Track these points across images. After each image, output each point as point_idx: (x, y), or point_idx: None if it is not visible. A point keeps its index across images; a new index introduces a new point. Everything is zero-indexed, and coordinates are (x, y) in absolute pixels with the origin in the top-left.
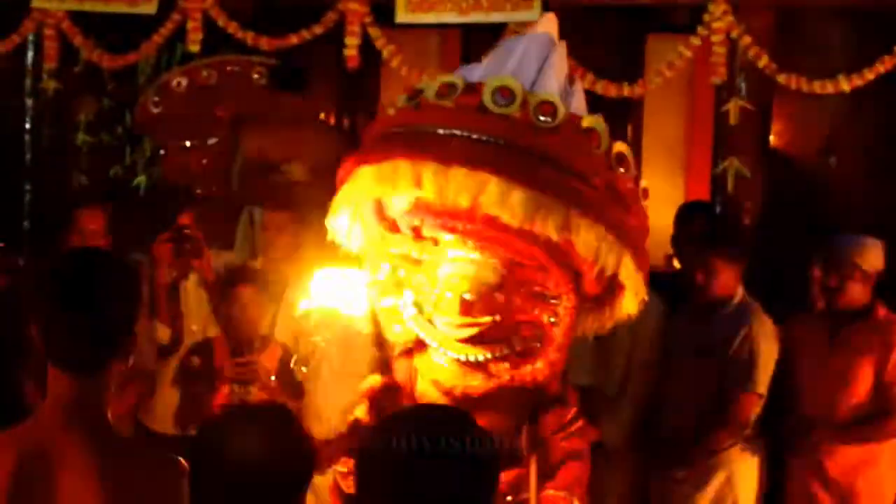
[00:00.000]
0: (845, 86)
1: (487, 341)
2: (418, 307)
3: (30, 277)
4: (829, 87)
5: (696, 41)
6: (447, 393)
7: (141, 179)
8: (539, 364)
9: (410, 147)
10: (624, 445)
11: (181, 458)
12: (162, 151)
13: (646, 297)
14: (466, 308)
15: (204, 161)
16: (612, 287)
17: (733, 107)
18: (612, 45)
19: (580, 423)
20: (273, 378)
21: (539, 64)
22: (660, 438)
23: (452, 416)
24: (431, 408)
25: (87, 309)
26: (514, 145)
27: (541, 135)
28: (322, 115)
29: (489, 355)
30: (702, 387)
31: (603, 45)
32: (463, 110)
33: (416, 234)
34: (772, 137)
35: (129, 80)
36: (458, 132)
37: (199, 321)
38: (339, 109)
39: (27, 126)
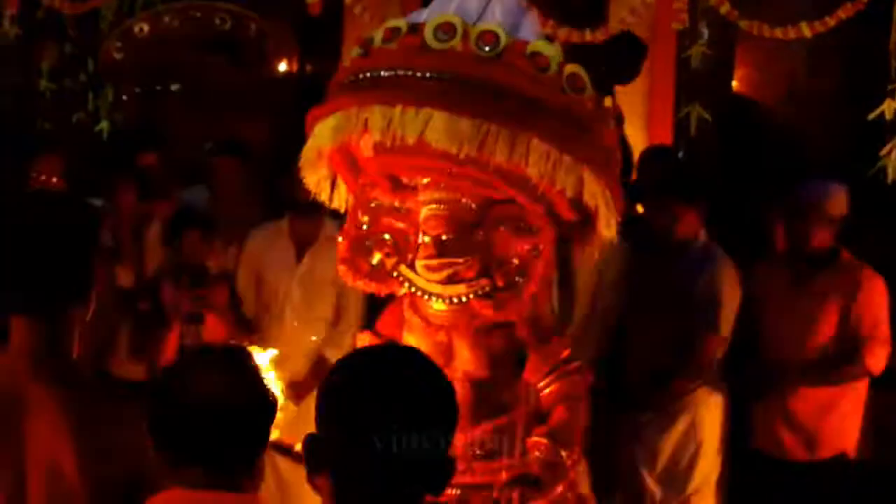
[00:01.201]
0: (807, 31)
1: (467, 280)
2: (401, 256)
3: None
4: (791, 33)
5: None
6: (435, 342)
7: (104, 125)
8: (522, 297)
9: (357, 93)
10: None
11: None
12: (125, 97)
13: (618, 220)
14: (441, 248)
15: (167, 106)
16: (588, 215)
17: (695, 53)
18: None
19: (574, 364)
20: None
21: (484, 1)
22: (625, 382)
23: (408, 353)
24: (387, 347)
25: (45, 252)
26: (457, 78)
27: (484, 64)
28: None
29: (471, 294)
30: (666, 330)
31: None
32: (406, 50)
33: (394, 183)
34: (734, 83)
35: (91, 26)
36: (401, 72)
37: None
38: (302, 56)
39: None
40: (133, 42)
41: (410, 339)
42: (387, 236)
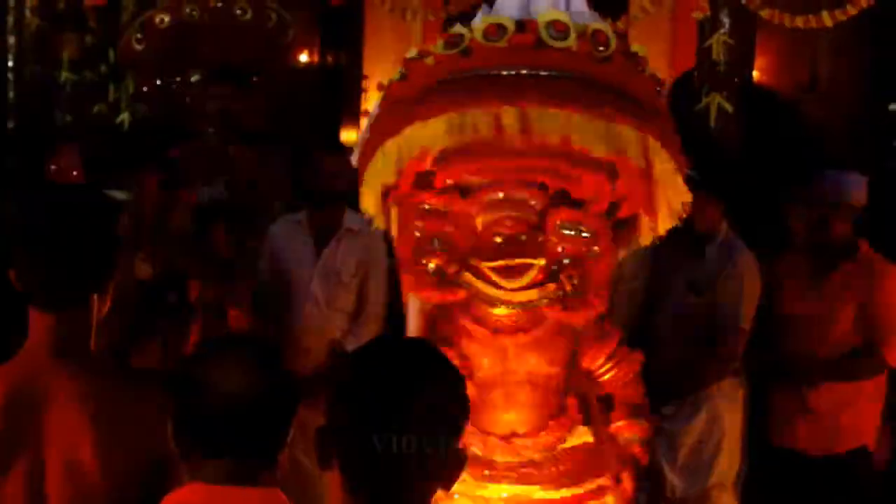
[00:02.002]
0: (828, 21)
1: (538, 284)
2: (461, 261)
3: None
4: (812, 22)
5: None
6: (497, 347)
7: (124, 116)
8: (590, 302)
9: (473, 92)
10: None
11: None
12: (145, 88)
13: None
14: (520, 248)
15: (187, 99)
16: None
17: (716, 42)
18: None
19: (624, 349)
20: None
21: None
22: (646, 374)
23: (419, 348)
24: (399, 342)
25: (63, 246)
26: (584, 78)
27: (602, 64)
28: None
29: (545, 299)
30: (690, 322)
31: None
32: (521, 49)
33: (439, 186)
34: (755, 73)
35: (112, 17)
36: (524, 71)
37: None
38: (323, 46)
39: (10, 64)
40: (154, 33)
41: (472, 348)
42: (437, 241)
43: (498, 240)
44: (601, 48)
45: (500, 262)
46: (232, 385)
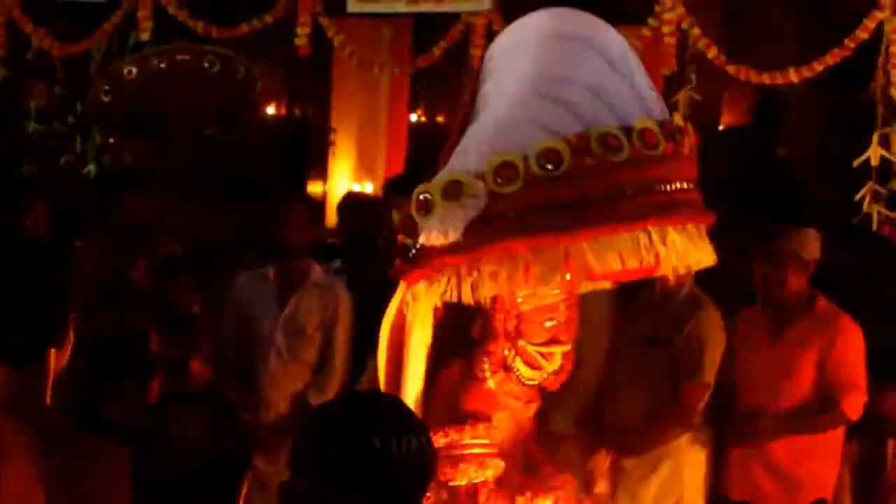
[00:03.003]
0: (794, 77)
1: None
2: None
3: None
4: (779, 78)
5: (646, 32)
6: (528, 410)
7: (91, 168)
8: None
9: (564, 228)
10: (572, 432)
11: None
12: (111, 140)
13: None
14: (564, 339)
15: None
16: None
17: (683, 97)
18: None
19: None
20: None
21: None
22: (607, 427)
23: (386, 404)
24: (365, 396)
25: (14, 300)
26: (663, 185)
27: (664, 163)
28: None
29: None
30: (651, 376)
31: None
32: (589, 171)
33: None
34: (721, 128)
35: (81, 68)
36: (609, 192)
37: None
38: (291, 99)
39: None
40: (121, 85)
41: (504, 418)
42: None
43: (548, 324)
44: (651, 147)
45: (555, 349)
46: (185, 441)
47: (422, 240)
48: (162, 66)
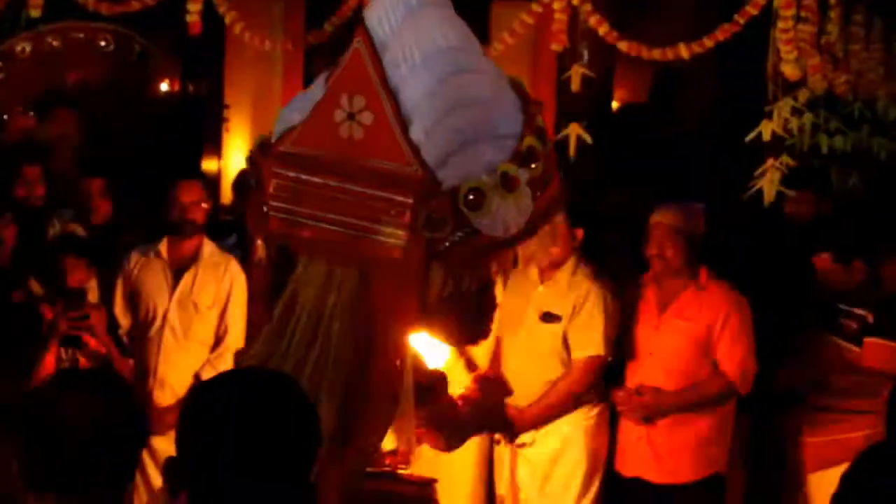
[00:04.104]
0: (685, 53)
1: None
2: None
3: None
4: (670, 54)
5: (537, 8)
6: None
7: None
8: None
9: None
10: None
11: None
12: (5, 117)
13: None
14: None
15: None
16: None
17: (575, 73)
18: (456, 12)
19: None
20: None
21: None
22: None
23: (271, 378)
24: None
25: None
26: None
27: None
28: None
29: None
30: (544, 350)
31: None
32: None
33: None
34: (614, 104)
35: None
36: None
37: None
38: (184, 76)
39: None
40: (14, 62)
41: None
42: None
43: None
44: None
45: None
46: (77, 419)
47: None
48: (55, 43)
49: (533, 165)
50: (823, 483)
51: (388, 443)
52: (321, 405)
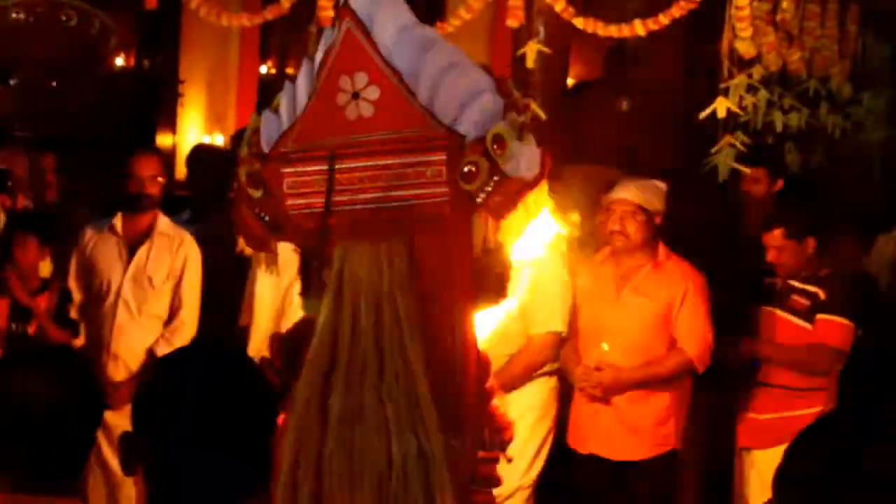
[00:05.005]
0: (640, 30)
1: None
2: None
3: None
4: (626, 31)
5: None
6: None
7: None
8: None
9: None
10: None
11: None
12: None
13: None
14: None
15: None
16: None
17: (530, 50)
18: None
19: None
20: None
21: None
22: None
23: (226, 353)
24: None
25: None
26: None
27: None
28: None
29: None
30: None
31: None
32: None
33: None
34: (570, 81)
35: None
36: None
37: None
38: (139, 51)
39: None
40: None
41: None
42: None
43: None
44: None
45: None
46: (31, 395)
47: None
48: (20, 17)
49: (524, 113)
50: (775, 460)
51: None
52: (416, 380)
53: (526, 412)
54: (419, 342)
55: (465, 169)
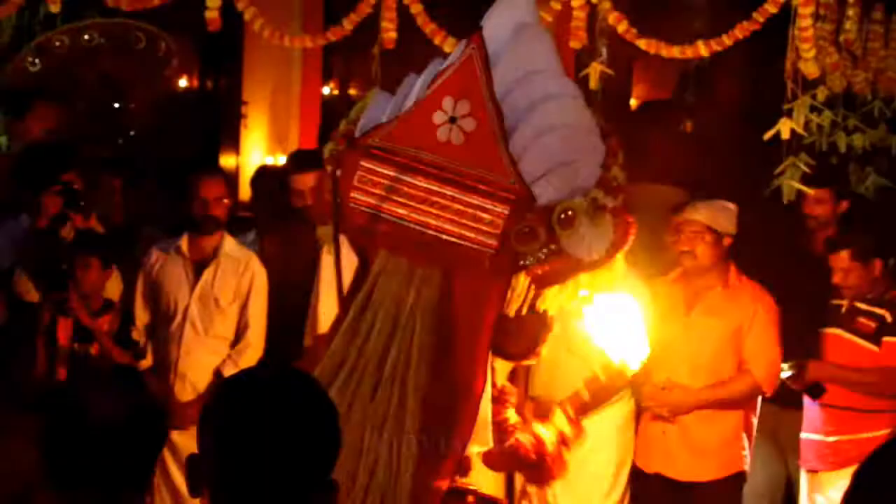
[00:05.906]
0: (704, 51)
1: None
2: None
3: None
4: (689, 52)
5: (556, 5)
6: None
7: (1, 140)
8: None
9: None
10: None
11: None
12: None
13: None
14: None
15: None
16: None
17: (593, 71)
18: (467, 9)
19: None
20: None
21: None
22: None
23: (292, 377)
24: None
25: None
26: None
27: None
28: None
29: None
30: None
31: (455, 7)
32: None
33: None
34: (632, 101)
35: None
36: None
37: None
38: (203, 73)
39: None
40: (51, 55)
41: None
42: None
43: None
44: None
45: None
46: (99, 414)
47: (568, 250)
48: (93, 39)
49: (616, 196)
50: (841, 482)
51: None
52: (405, 403)
53: (604, 437)
54: (423, 375)
55: (522, 229)
